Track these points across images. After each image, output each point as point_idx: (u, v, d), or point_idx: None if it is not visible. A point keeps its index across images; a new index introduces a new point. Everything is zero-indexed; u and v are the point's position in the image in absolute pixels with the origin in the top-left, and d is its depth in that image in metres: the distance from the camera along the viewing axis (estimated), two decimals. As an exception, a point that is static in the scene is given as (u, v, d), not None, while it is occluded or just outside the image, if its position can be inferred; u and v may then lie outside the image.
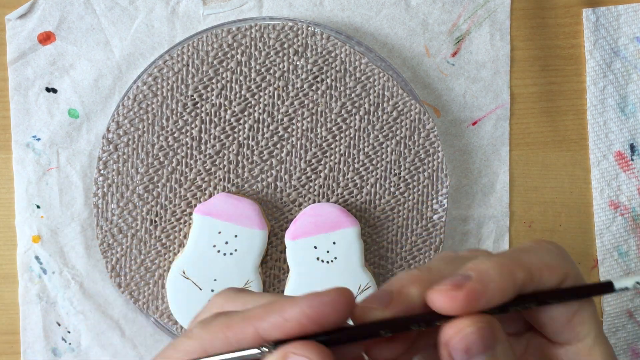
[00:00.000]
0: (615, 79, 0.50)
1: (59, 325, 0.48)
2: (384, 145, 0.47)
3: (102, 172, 0.47)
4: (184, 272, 0.46)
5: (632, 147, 0.50)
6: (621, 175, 0.50)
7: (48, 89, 0.48)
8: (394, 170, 0.47)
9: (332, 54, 0.47)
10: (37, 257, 0.48)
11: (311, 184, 0.47)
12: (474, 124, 0.49)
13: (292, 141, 0.47)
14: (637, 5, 0.50)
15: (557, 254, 0.32)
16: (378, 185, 0.47)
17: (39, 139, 0.48)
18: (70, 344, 0.48)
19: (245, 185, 0.47)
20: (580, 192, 0.50)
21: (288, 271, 0.47)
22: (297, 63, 0.47)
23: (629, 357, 0.50)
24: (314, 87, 0.47)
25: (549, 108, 0.50)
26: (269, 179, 0.47)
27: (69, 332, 0.48)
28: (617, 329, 0.50)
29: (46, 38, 0.48)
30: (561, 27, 0.50)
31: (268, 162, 0.47)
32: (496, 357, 0.29)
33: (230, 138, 0.47)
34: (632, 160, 0.50)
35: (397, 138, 0.47)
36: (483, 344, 0.29)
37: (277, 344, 0.27)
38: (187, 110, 0.46)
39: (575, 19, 0.50)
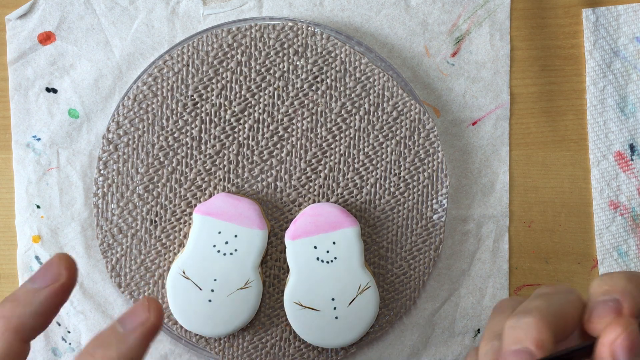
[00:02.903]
0: (615, 79, 0.50)
1: (59, 325, 0.48)
2: (384, 145, 0.47)
3: (102, 172, 0.47)
4: (183, 272, 0.46)
5: (632, 147, 0.50)
6: (621, 175, 0.50)
7: (48, 89, 0.48)
8: (394, 170, 0.47)
9: (332, 54, 0.47)
10: (37, 257, 0.48)
11: (311, 184, 0.47)
12: (473, 124, 0.49)
13: (292, 141, 0.47)
14: (637, 5, 0.50)
15: None
16: (378, 185, 0.47)
17: (39, 139, 0.48)
18: (70, 344, 0.48)
19: (245, 185, 0.47)
20: (580, 192, 0.50)
21: (288, 271, 0.47)
22: (297, 63, 0.47)
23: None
24: (314, 87, 0.47)
25: (548, 108, 0.50)
26: (269, 179, 0.47)
27: (69, 332, 0.48)
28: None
29: (46, 38, 0.48)
30: (561, 27, 0.50)
31: (268, 162, 0.47)
32: None
33: (230, 138, 0.47)
34: (632, 160, 0.50)
35: (397, 138, 0.47)
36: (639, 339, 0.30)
37: None
38: (187, 110, 0.47)
39: (575, 19, 0.50)
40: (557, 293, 0.33)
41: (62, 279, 0.32)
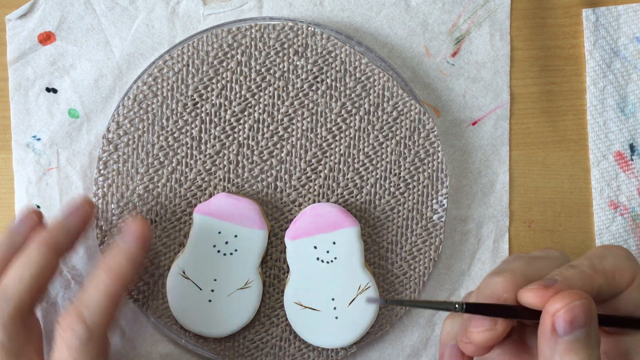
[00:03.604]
0: (615, 79, 0.50)
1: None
2: (384, 146, 0.47)
3: (102, 172, 0.47)
4: (183, 272, 0.46)
5: (632, 147, 0.50)
6: (621, 175, 0.50)
7: (48, 89, 0.48)
8: (394, 170, 0.47)
9: (332, 54, 0.47)
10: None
11: (311, 184, 0.47)
12: (473, 124, 0.49)
13: (292, 141, 0.47)
14: (637, 5, 0.50)
15: (625, 257, 0.36)
16: (378, 185, 0.47)
17: (39, 139, 0.48)
18: (70, 343, 0.48)
19: (245, 185, 0.47)
20: (580, 192, 0.50)
21: (288, 271, 0.47)
22: (297, 63, 0.47)
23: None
24: (314, 87, 0.47)
25: (548, 108, 0.50)
26: (269, 179, 0.47)
27: (69, 332, 0.48)
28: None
29: (46, 38, 0.48)
30: (561, 27, 0.50)
31: (268, 162, 0.47)
32: (590, 335, 0.32)
33: (231, 138, 0.47)
34: (632, 160, 0.50)
35: (397, 138, 0.47)
36: (585, 318, 0.32)
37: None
38: (187, 110, 0.47)
39: (575, 19, 0.50)
40: (544, 258, 0.37)
41: (85, 212, 0.44)
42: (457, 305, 0.35)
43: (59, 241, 0.42)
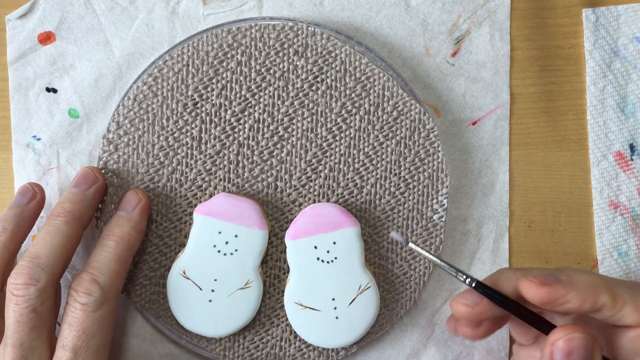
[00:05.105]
0: (615, 79, 0.50)
1: (59, 325, 0.48)
2: (384, 145, 0.47)
3: (102, 172, 0.47)
4: (184, 272, 0.46)
5: (632, 147, 0.50)
6: (621, 175, 0.50)
7: (48, 89, 0.48)
8: (394, 170, 0.47)
9: (332, 54, 0.47)
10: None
11: (311, 183, 0.47)
12: (473, 124, 0.49)
13: (292, 141, 0.47)
14: (637, 5, 0.50)
15: None
16: (378, 185, 0.47)
17: (39, 139, 0.48)
18: (70, 344, 0.48)
19: (246, 185, 0.47)
20: (580, 192, 0.50)
21: (288, 271, 0.47)
22: (297, 63, 0.47)
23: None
24: (314, 87, 0.47)
25: (548, 108, 0.50)
26: (269, 179, 0.47)
27: (69, 332, 0.48)
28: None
29: (46, 38, 0.48)
30: (561, 27, 0.50)
31: (268, 162, 0.47)
32: None
33: (231, 138, 0.47)
34: (632, 160, 0.50)
35: (397, 138, 0.47)
36: (584, 353, 0.33)
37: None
38: (188, 110, 0.47)
39: (575, 19, 0.50)
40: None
41: (99, 182, 0.45)
42: (468, 279, 0.38)
43: (82, 212, 0.44)
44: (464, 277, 0.38)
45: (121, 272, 0.43)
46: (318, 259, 0.46)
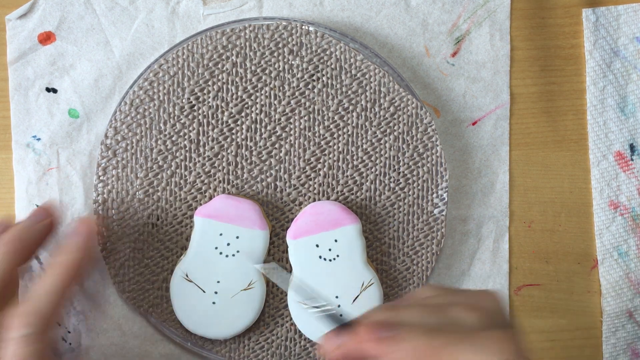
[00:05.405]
0: (615, 79, 0.50)
1: (59, 325, 0.48)
2: (382, 142, 0.47)
3: (101, 178, 0.46)
4: (187, 275, 0.45)
5: (632, 147, 0.50)
6: (621, 175, 0.50)
7: (48, 89, 0.48)
8: (393, 166, 0.47)
9: (327, 52, 0.47)
10: (37, 257, 0.48)
11: (311, 182, 0.47)
12: (473, 123, 0.49)
13: (291, 140, 0.47)
14: (637, 5, 0.50)
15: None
16: (378, 181, 0.47)
17: (39, 139, 0.48)
18: (70, 344, 0.48)
19: (245, 186, 0.47)
20: (580, 192, 0.50)
21: (291, 270, 0.47)
22: (293, 62, 0.47)
23: (629, 357, 0.50)
24: (310, 86, 0.47)
25: (549, 108, 0.50)
26: (269, 179, 0.47)
27: (69, 332, 0.48)
28: (617, 329, 0.50)
29: (46, 38, 0.48)
30: (561, 27, 0.50)
31: (267, 162, 0.47)
32: None
33: (229, 139, 0.47)
34: (632, 160, 0.50)
35: (395, 134, 0.47)
36: None
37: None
38: (184, 113, 0.46)
39: (575, 19, 0.50)
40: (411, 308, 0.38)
41: (49, 219, 0.43)
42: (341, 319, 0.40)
43: (77, 264, 0.41)
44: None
45: (55, 302, 0.40)
46: (320, 257, 0.46)
